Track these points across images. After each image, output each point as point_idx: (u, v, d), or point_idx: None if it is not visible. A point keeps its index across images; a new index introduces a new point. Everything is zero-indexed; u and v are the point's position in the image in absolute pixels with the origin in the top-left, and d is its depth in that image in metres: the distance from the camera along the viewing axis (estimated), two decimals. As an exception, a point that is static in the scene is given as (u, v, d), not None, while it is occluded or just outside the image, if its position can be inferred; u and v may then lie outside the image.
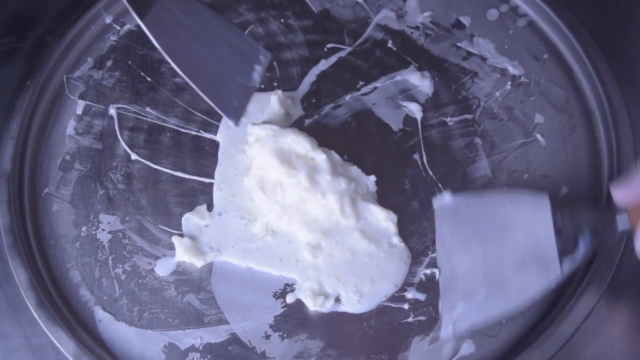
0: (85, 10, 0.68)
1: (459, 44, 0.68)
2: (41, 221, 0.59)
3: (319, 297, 0.54)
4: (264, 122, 0.59)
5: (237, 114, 0.52)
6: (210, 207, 0.59)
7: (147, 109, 0.64)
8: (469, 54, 0.67)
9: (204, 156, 0.62)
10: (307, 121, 0.64)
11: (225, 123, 0.63)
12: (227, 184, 0.59)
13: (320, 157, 0.57)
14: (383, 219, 0.57)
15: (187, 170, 0.61)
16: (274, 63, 0.66)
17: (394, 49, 0.67)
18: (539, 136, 0.62)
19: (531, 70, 0.66)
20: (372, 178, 0.59)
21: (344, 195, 0.56)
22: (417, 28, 0.69)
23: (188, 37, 0.52)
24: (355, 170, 0.59)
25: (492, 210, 0.55)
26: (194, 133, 0.63)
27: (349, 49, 0.67)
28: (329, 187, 0.56)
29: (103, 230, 0.58)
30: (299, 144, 0.57)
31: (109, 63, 0.67)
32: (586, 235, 0.50)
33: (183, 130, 0.63)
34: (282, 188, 0.56)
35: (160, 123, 0.64)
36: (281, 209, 0.56)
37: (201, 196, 0.60)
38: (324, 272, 0.55)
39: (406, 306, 0.55)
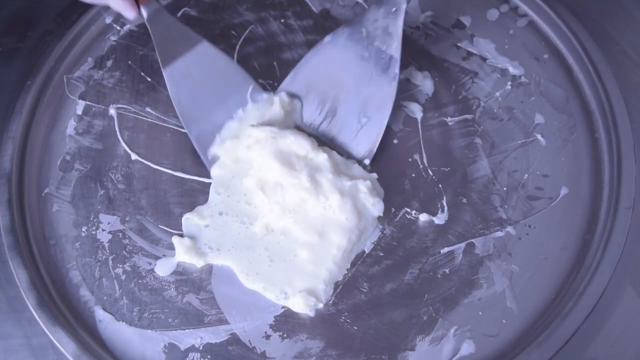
0: (85, 10, 0.68)
1: (459, 44, 0.68)
2: (41, 221, 0.59)
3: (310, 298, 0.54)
4: (263, 124, 0.59)
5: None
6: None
7: (147, 109, 0.64)
8: (469, 54, 0.67)
9: (204, 156, 0.62)
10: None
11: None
12: (225, 186, 0.59)
13: (321, 157, 0.57)
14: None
15: (187, 170, 0.61)
16: (274, 63, 0.66)
17: (394, 49, 0.67)
18: (539, 136, 0.62)
19: (531, 70, 0.66)
20: (374, 175, 0.59)
21: (346, 194, 0.56)
22: (417, 28, 0.69)
23: (201, 88, 0.60)
24: (356, 168, 0.59)
25: None
26: (194, 133, 0.63)
27: (349, 49, 0.67)
28: (331, 186, 0.56)
29: (103, 230, 0.58)
30: (299, 144, 0.57)
31: (109, 63, 0.67)
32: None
33: (183, 130, 0.63)
34: (282, 188, 0.56)
35: (160, 123, 0.64)
36: (281, 209, 0.56)
37: (201, 196, 0.60)
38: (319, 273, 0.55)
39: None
